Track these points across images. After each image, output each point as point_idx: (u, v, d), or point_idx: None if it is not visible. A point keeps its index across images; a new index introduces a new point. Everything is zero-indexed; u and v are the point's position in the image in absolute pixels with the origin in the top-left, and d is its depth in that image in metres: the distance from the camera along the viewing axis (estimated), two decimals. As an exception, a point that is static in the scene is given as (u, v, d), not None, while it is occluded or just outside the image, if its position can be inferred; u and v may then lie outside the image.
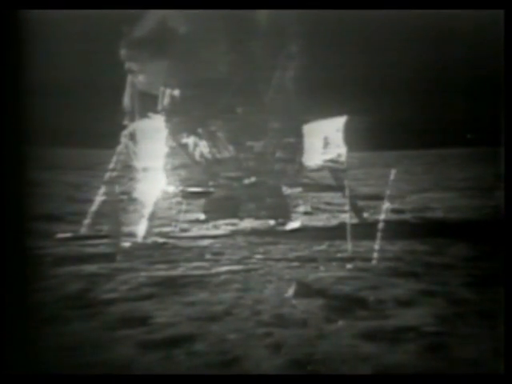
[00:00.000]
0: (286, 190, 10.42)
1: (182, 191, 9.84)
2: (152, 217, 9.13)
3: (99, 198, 9.69)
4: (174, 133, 9.86)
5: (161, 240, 8.84)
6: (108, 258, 7.32)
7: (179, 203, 10.60)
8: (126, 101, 10.06)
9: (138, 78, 9.91)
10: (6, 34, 3.38)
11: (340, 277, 6.26)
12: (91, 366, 3.83)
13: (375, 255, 7.22)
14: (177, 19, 9.35)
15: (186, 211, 10.82)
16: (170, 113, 9.87)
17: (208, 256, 7.57)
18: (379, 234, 7.62)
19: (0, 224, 3.29)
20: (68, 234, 8.94)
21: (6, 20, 3.41)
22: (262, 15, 9.56)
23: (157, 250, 8.07)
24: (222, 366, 3.84)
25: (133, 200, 9.67)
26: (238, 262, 7.10)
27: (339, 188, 9.95)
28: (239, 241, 8.80)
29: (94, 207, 9.67)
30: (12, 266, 3.33)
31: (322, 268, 6.79)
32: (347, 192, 9.39)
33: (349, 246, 7.76)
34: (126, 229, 8.77)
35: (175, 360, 3.95)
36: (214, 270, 6.65)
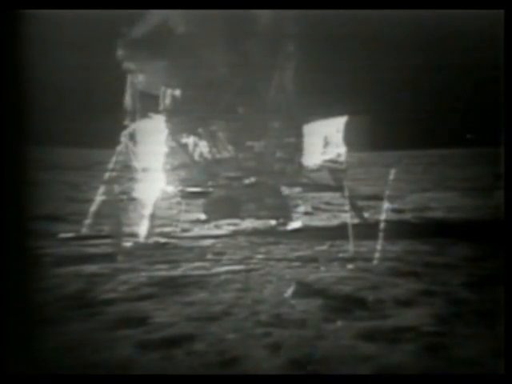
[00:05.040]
0: (285, 190, 10.41)
1: (182, 191, 9.82)
2: (152, 217, 9.11)
3: (99, 198, 9.68)
4: (175, 133, 9.85)
5: (162, 240, 8.83)
6: (109, 258, 7.32)
7: (179, 203, 10.59)
8: (127, 101, 10.05)
9: (137, 78, 9.92)
10: (6, 34, 3.38)
11: (341, 277, 6.26)
12: (91, 366, 3.83)
13: (376, 255, 7.22)
14: (176, 19, 9.34)
15: (186, 211, 10.81)
16: (171, 113, 9.86)
17: (209, 256, 7.57)
18: (380, 234, 7.62)
19: (0, 224, 3.29)
20: (69, 234, 8.93)
21: (6, 20, 3.41)
22: (261, 15, 9.55)
23: (158, 250, 8.07)
24: (221, 366, 3.84)
25: (132, 200, 9.67)
26: (240, 262, 7.10)
27: (338, 188, 9.94)
28: (241, 241, 8.79)
29: (94, 207, 9.67)
30: (12, 265, 3.32)
31: (323, 268, 6.79)
32: (346, 192, 9.39)
33: (350, 246, 7.76)
34: (126, 229, 8.77)
35: (174, 360, 3.94)
36: (214, 270, 6.65)
